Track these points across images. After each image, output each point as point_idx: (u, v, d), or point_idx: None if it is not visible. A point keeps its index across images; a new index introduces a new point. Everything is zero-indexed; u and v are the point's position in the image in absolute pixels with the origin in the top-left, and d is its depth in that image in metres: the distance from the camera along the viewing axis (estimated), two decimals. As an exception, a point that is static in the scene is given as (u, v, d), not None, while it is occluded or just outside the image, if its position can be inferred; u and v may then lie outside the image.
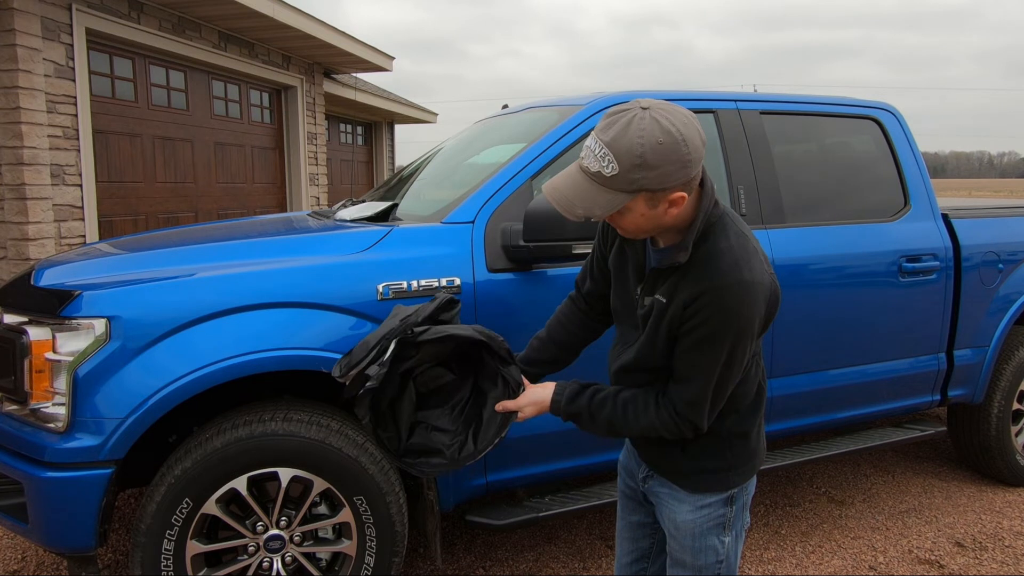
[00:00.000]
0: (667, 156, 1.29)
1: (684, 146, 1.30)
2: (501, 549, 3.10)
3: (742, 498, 1.65)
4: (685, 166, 1.32)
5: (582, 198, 1.36)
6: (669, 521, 1.68)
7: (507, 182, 2.56)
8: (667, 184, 1.32)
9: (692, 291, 1.42)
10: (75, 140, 6.18)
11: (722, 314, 1.40)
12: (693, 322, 1.43)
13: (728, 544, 1.64)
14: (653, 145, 1.29)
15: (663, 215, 1.39)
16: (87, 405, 2.04)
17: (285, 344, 2.18)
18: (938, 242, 3.25)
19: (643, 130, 1.29)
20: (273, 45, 9.04)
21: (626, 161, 1.29)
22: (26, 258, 5.74)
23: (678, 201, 1.36)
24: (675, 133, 1.30)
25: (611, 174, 1.31)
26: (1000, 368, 3.57)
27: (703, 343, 1.43)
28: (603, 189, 1.34)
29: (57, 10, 5.95)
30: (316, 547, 2.31)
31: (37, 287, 2.24)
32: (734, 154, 2.93)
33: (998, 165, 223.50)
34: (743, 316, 1.41)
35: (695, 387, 1.47)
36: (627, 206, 1.36)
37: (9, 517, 2.17)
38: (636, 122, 1.30)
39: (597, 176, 1.33)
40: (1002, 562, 3.01)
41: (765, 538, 3.17)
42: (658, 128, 1.29)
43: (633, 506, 1.83)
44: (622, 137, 1.30)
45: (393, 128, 15.49)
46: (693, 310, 1.42)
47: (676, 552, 1.68)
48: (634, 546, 1.85)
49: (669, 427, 1.52)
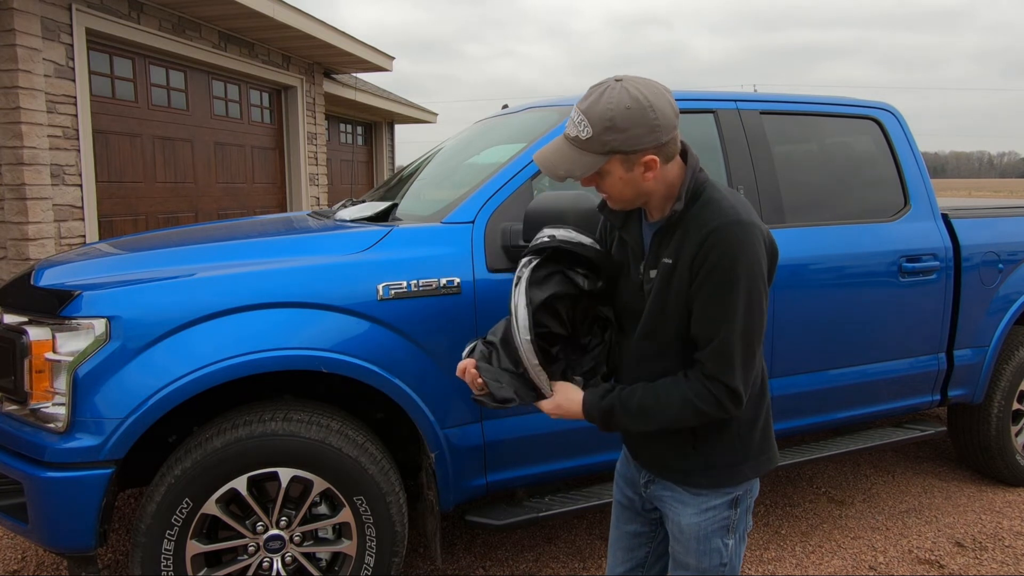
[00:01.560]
0: (635, 120, 1.43)
1: (651, 111, 1.44)
2: (501, 549, 3.10)
3: (746, 501, 1.65)
4: (653, 130, 1.44)
5: (563, 161, 1.51)
6: (673, 524, 1.67)
7: (507, 182, 2.56)
8: (637, 146, 1.45)
9: (694, 241, 1.48)
10: (75, 140, 6.18)
11: (728, 254, 1.45)
12: (703, 273, 1.47)
13: (732, 547, 1.64)
14: (621, 110, 1.43)
15: (640, 179, 1.50)
16: (87, 405, 2.04)
17: (285, 344, 2.18)
18: (938, 242, 3.25)
19: (613, 98, 1.44)
20: (273, 45, 9.04)
21: (598, 124, 1.44)
22: (26, 258, 5.74)
23: (651, 164, 1.48)
24: (642, 100, 1.43)
25: (586, 137, 1.47)
26: (1000, 368, 3.57)
27: (717, 290, 1.46)
28: (581, 152, 1.48)
29: (57, 10, 5.95)
30: (316, 547, 2.31)
31: (37, 287, 2.24)
32: (734, 154, 2.93)
33: (998, 165, 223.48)
34: (748, 253, 1.46)
35: (720, 341, 1.46)
36: (605, 169, 1.50)
37: (9, 517, 2.17)
38: (608, 91, 1.45)
39: (576, 140, 1.49)
40: (1002, 562, 3.01)
41: (765, 538, 3.17)
42: (627, 95, 1.44)
43: (630, 516, 1.82)
44: (596, 104, 1.45)
45: (393, 128, 15.49)
46: (700, 260, 1.47)
47: (680, 555, 1.67)
48: (628, 555, 1.83)
49: (703, 396, 1.48)
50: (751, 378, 1.51)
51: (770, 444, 1.66)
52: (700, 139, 2.85)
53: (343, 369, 2.22)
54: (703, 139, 2.89)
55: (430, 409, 2.35)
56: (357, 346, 2.25)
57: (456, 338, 2.36)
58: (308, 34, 8.49)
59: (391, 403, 2.40)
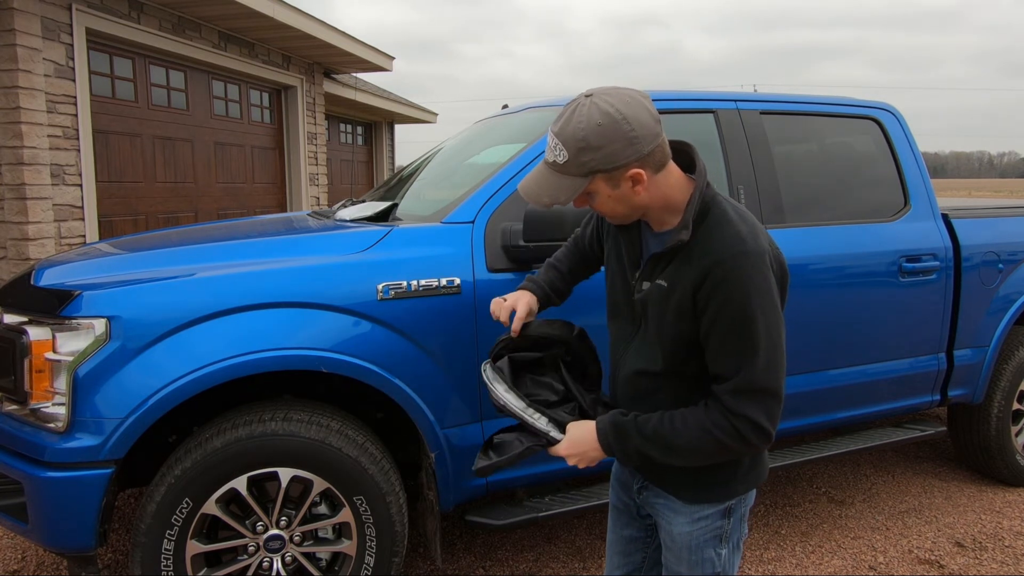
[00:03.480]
0: (609, 136, 1.36)
1: (626, 123, 1.36)
2: (501, 549, 3.10)
3: (740, 510, 1.61)
4: (631, 143, 1.37)
5: (545, 188, 1.45)
6: (665, 533, 1.65)
7: (507, 182, 2.56)
8: (618, 162, 1.38)
9: (698, 272, 1.40)
10: (75, 140, 6.18)
11: (738, 289, 1.37)
12: (713, 308, 1.39)
13: (725, 556, 1.61)
14: (593, 128, 1.36)
15: (631, 194, 1.43)
16: (87, 405, 2.04)
17: (285, 344, 2.18)
18: (938, 242, 3.25)
19: (583, 116, 1.38)
20: (273, 45, 9.04)
21: (572, 146, 1.38)
22: (26, 258, 5.74)
23: (637, 177, 1.40)
24: (614, 113, 1.36)
25: (563, 161, 1.40)
26: (1000, 368, 3.57)
27: (733, 327, 1.38)
28: (562, 176, 1.43)
29: (57, 10, 5.95)
30: (316, 547, 2.31)
31: (37, 287, 2.24)
32: (734, 154, 2.93)
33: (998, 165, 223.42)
34: (759, 285, 1.38)
35: (741, 379, 1.38)
36: (590, 189, 1.44)
37: (9, 517, 2.17)
38: (578, 110, 1.39)
39: (554, 165, 1.43)
40: (1002, 562, 3.01)
41: (765, 538, 3.17)
42: (597, 111, 1.37)
43: (626, 520, 1.80)
44: (567, 125, 1.39)
45: (393, 128, 15.49)
46: (706, 293, 1.39)
47: (672, 564, 1.64)
48: (625, 560, 1.81)
49: (726, 430, 1.39)
50: (779, 413, 1.41)
51: (761, 460, 1.61)
52: (700, 139, 2.85)
53: (343, 369, 2.22)
54: (703, 139, 2.89)
55: (430, 409, 2.35)
56: (357, 346, 2.25)
57: (456, 338, 2.36)
58: (308, 34, 8.49)
59: (391, 403, 2.40)
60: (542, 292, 1.89)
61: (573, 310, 2.12)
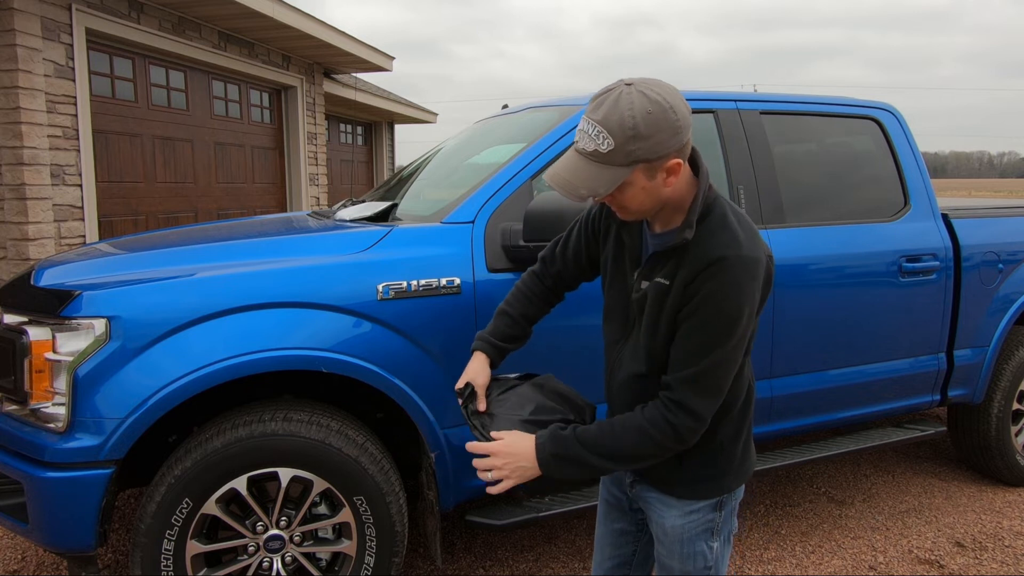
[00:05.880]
0: (658, 124, 1.34)
1: (672, 113, 1.35)
2: (501, 549, 3.10)
3: (731, 503, 1.63)
4: (676, 132, 1.36)
5: (583, 179, 1.39)
6: (657, 526, 1.66)
7: (507, 182, 2.56)
8: (662, 152, 1.36)
9: (693, 268, 1.42)
10: (75, 140, 6.18)
11: (723, 288, 1.39)
12: (695, 300, 1.41)
13: (716, 550, 1.63)
14: (643, 115, 1.33)
15: (662, 186, 1.41)
16: (87, 405, 2.04)
17: (285, 344, 2.18)
18: (938, 242, 3.25)
19: (632, 103, 1.33)
20: (273, 45, 9.04)
21: (620, 134, 1.33)
22: (26, 258, 5.74)
23: (675, 168, 1.39)
24: (662, 102, 1.34)
25: (608, 150, 1.35)
26: (1000, 368, 3.57)
27: (706, 321, 1.41)
28: (602, 167, 1.37)
29: (57, 10, 5.95)
30: (316, 547, 2.31)
31: (37, 287, 2.24)
32: (734, 154, 2.93)
33: (998, 165, 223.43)
34: (745, 289, 1.40)
35: (697, 371, 1.42)
36: (627, 181, 1.39)
37: (9, 517, 2.17)
38: (624, 97, 1.34)
39: (595, 155, 1.37)
40: (1002, 562, 3.01)
41: (765, 538, 3.17)
42: (645, 99, 1.34)
43: (616, 514, 1.81)
44: (613, 113, 1.34)
45: (393, 128, 15.49)
46: (695, 287, 1.41)
47: (664, 557, 1.66)
48: (616, 552, 1.82)
49: (660, 425, 1.43)
50: (713, 411, 1.46)
51: (750, 453, 1.65)
52: (700, 139, 2.85)
53: (343, 369, 2.22)
54: (703, 139, 2.89)
55: (430, 409, 2.35)
56: (357, 346, 2.25)
57: (456, 338, 2.36)
58: (308, 34, 8.49)
59: (391, 403, 2.40)
60: (494, 351, 1.83)
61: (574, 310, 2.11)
